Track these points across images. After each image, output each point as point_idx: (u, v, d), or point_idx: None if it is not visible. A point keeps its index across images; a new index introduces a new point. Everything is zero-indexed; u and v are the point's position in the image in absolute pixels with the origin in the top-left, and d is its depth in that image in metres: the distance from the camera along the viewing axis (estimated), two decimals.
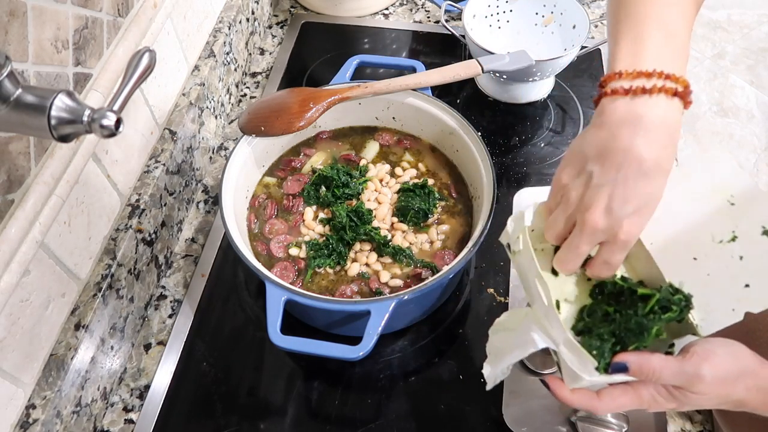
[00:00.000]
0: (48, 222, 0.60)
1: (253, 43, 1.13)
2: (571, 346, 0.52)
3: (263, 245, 0.81)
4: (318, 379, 0.76)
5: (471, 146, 0.82)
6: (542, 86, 1.05)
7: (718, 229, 0.56)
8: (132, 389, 0.76)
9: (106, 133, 0.46)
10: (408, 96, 0.87)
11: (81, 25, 0.64)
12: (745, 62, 2.52)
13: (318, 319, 0.78)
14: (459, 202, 0.85)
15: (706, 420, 0.73)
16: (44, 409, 0.62)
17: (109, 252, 0.73)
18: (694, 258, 0.56)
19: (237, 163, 0.81)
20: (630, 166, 0.49)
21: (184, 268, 0.87)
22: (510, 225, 0.59)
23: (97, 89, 0.66)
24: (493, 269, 0.85)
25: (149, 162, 0.82)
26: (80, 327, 0.68)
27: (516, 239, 0.57)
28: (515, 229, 0.58)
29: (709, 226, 0.56)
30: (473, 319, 0.81)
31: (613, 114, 0.50)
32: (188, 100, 0.89)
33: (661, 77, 0.49)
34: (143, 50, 0.52)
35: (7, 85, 0.44)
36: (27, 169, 0.58)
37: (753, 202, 0.55)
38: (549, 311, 0.53)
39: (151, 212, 0.79)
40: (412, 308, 0.78)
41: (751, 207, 0.55)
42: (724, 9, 2.71)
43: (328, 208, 0.84)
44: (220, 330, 0.81)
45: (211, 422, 0.73)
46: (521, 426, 0.71)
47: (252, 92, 1.10)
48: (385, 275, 0.78)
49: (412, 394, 0.75)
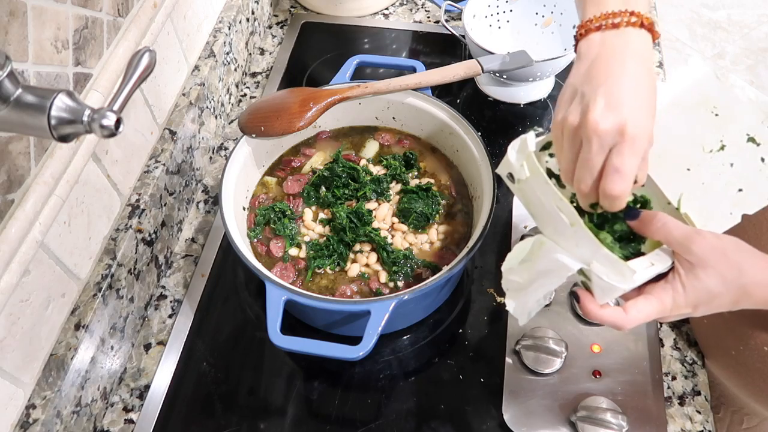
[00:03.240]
0: (48, 222, 0.60)
1: (253, 43, 1.13)
2: (606, 259, 0.52)
3: (263, 245, 0.81)
4: (318, 379, 0.76)
5: (471, 146, 0.82)
6: (542, 86, 1.05)
7: (707, 140, 0.59)
8: (132, 389, 0.76)
9: (106, 133, 0.46)
10: (408, 96, 0.87)
11: (81, 25, 0.64)
12: (745, 62, 2.52)
13: (318, 319, 0.78)
14: (459, 202, 0.85)
15: (706, 420, 0.73)
16: (44, 409, 0.62)
17: (109, 252, 0.73)
18: (687, 169, 0.59)
19: (237, 163, 0.81)
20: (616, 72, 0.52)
21: (184, 268, 0.87)
22: (511, 153, 0.57)
23: (97, 89, 0.66)
24: (493, 269, 0.85)
25: (149, 162, 0.82)
26: (80, 327, 0.68)
27: (520, 167, 0.56)
28: (518, 156, 0.57)
29: (698, 137, 0.59)
30: (473, 319, 0.81)
31: (590, 49, 0.55)
32: (188, 100, 0.89)
33: (626, 14, 0.54)
34: (143, 50, 0.52)
35: (7, 85, 0.44)
36: (27, 169, 0.58)
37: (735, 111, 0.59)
38: (577, 230, 0.52)
39: (151, 212, 0.79)
40: (412, 308, 0.78)
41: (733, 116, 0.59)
42: (724, 9, 2.71)
43: (328, 209, 0.84)
44: (220, 330, 0.81)
45: (211, 422, 0.73)
46: (521, 426, 0.71)
47: (252, 92, 1.10)
48: (384, 275, 0.78)
49: (412, 394, 0.75)
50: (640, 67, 0.53)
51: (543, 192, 0.55)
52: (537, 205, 0.56)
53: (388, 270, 0.78)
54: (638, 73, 0.52)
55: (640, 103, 0.51)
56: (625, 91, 0.51)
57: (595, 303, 0.56)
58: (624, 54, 0.53)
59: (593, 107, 0.51)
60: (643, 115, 0.51)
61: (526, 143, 0.56)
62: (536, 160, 0.55)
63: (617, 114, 0.50)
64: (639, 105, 0.51)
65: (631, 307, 0.54)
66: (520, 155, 0.56)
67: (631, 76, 0.52)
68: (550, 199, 0.54)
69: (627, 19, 0.54)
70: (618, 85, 0.51)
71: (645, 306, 0.54)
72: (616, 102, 0.51)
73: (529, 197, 0.58)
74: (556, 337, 0.75)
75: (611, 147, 0.51)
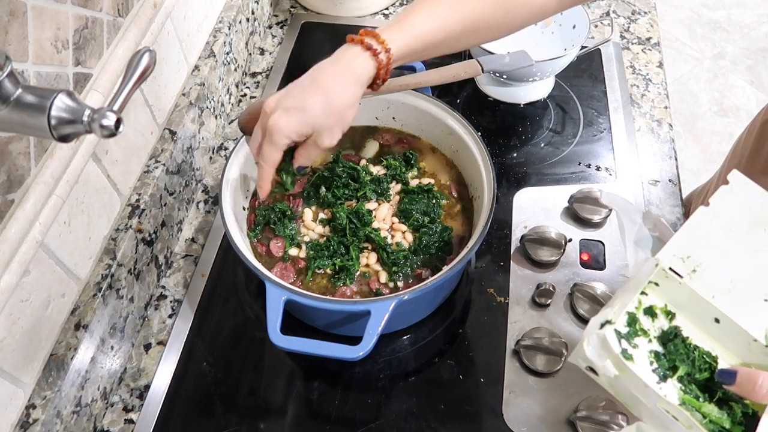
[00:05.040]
0: (48, 222, 0.60)
1: (253, 43, 1.13)
2: None
3: (263, 245, 0.81)
4: (318, 379, 0.76)
5: (471, 146, 0.82)
6: (542, 86, 1.05)
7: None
8: (132, 389, 0.76)
9: (106, 133, 0.46)
10: (408, 96, 0.87)
11: (81, 25, 0.64)
12: (745, 62, 2.52)
13: (318, 319, 0.78)
14: (459, 202, 0.85)
15: None
16: (44, 409, 0.62)
17: (109, 252, 0.73)
18: (764, 300, 0.54)
19: (237, 163, 0.81)
20: (304, 80, 0.66)
21: (184, 268, 0.87)
22: (589, 350, 0.54)
23: (97, 89, 0.66)
24: (493, 269, 0.85)
25: (149, 162, 0.82)
26: (80, 327, 0.68)
27: (604, 365, 0.53)
28: (600, 354, 0.54)
29: (763, 261, 0.54)
30: (473, 319, 0.81)
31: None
32: (188, 100, 0.89)
33: (370, 35, 0.64)
34: (143, 50, 0.52)
35: (7, 85, 0.44)
36: (27, 169, 0.58)
37: None
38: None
39: (151, 212, 0.79)
40: (412, 308, 0.78)
41: None
42: (724, 9, 2.71)
43: (328, 209, 0.84)
44: (220, 330, 0.81)
45: (211, 422, 0.73)
46: (521, 426, 0.71)
47: (252, 92, 1.10)
48: (384, 275, 0.78)
49: (412, 394, 0.75)
50: (326, 78, 0.64)
51: (642, 393, 0.52)
52: (629, 396, 0.54)
53: (388, 270, 0.78)
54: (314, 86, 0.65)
55: (294, 109, 0.64)
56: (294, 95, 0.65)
57: None
58: (330, 68, 0.65)
59: (273, 96, 0.66)
60: (288, 117, 0.64)
61: (608, 342, 0.53)
62: (623, 358, 0.52)
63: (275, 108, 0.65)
64: (292, 109, 0.64)
65: None
66: (602, 353, 0.53)
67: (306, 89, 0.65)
68: (653, 400, 0.51)
69: (362, 39, 0.64)
70: (294, 88, 0.65)
71: None
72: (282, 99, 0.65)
73: (618, 389, 0.55)
74: (556, 337, 0.75)
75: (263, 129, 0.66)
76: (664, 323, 0.59)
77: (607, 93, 1.06)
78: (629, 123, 1.02)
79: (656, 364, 0.56)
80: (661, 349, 0.57)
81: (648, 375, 0.55)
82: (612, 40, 1.13)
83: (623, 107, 1.04)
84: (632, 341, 0.57)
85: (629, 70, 1.10)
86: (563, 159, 0.98)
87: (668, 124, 1.03)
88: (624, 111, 1.04)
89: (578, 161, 0.98)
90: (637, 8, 1.21)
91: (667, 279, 0.58)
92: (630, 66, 1.11)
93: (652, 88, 1.07)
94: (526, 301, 0.81)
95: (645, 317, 0.59)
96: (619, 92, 1.06)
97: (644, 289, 0.59)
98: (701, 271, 0.56)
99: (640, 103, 1.05)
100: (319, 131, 0.66)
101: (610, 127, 1.01)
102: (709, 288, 0.55)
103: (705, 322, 0.57)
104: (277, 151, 0.66)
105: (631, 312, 0.58)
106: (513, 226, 0.89)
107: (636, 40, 1.15)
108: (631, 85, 1.08)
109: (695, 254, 0.57)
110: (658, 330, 0.58)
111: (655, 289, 0.59)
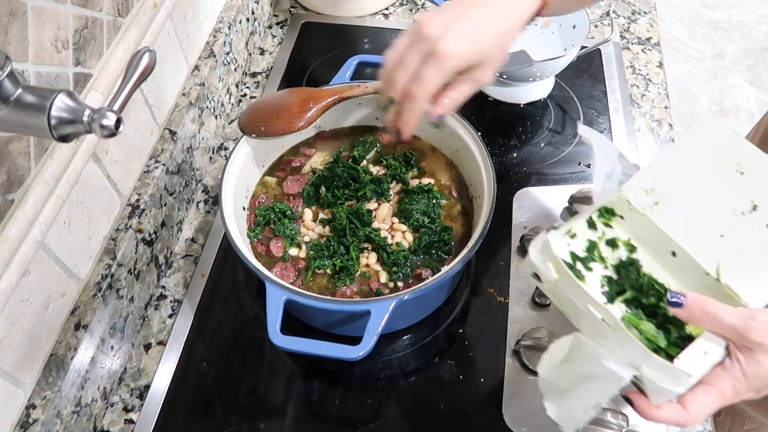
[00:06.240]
0: (48, 222, 0.60)
1: (253, 43, 1.13)
2: (658, 365, 0.49)
3: (263, 245, 0.81)
4: (318, 379, 0.76)
5: (471, 146, 0.82)
6: (542, 86, 1.05)
7: (737, 201, 0.54)
8: (132, 389, 0.76)
9: (106, 133, 0.46)
10: None
11: (81, 25, 0.64)
12: (745, 62, 2.52)
13: (318, 319, 0.78)
14: (459, 202, 0.85)
15: (706, 422, 0.73)
16: (44, 409, 0.62)
17: (109, 252, 0.73)
18: (721, 235, 0.55)
19: (237, 163, 0.81)
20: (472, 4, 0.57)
21: (184, 268, 0.87)
22: (534, 255, 0.55)
23: (97, 89, 0.66)
24: (493, 269, 0.85)
25: (149, 162, 0.82)
26: (80, 327, 0.68)
27: (546, 269, 0.54)
28: (542, 258, 0.55)
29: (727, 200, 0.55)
30: (473, 319, 0.81)
31: None
32: (188, 100, 0.89)
33: None
34: (143, 50, 0.52)
35: (7, 85, 0.44)
36: (27, 169, 0.58)
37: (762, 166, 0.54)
38: (621, 336, 0.50)
39: (151, 212, 0.79)
40: (412, 308, 0.78)
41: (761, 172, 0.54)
42: (724, 9, 2.71)
43: (328, 209, 0.84)
44: (220, 330, 0.81)
45: (211, 422, 0.73)
46: (521, 426, 0.71)
47: (252, 92, 1.10)
48: (384, 275, 0.78)
49: (412, 394, 0.75)
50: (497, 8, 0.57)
51: (576, 295, 0.53)
52: (569, 304, 0.54)
53: (388, 270, 0.78)
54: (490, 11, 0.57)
55: (468, 30, 0.56)
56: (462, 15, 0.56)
57: (650, 405, 0.52)
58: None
59: (432, 13, 0.57)
60: (461, 41, 0.56)
61: (549, 245, 0.54)
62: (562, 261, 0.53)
63: (444, 28, 0.56)
64: (465, 31, 0.56)
65: (690, 402, 0.51)
66: (544, 256, 0.54)
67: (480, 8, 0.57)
68: (585, 301, 0.52)
69: None
70: (466, 8, 0.57)
71: (705, 399, 0.51)
72: (448, 19, 0.56)
73: (559, 297, 0.56)
74: (556, 337, 0.75)
75: (426, 54, 0.56)
76: (623, 254, 0.60)
77: (607, 93, 1.06)
78: (629, 123, 1.02)
79: (607, 287, 0.58)
80: (615, 276, 0.59)
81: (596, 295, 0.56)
82: (612, 40, 1.13)
83: (623, 107, 1.04)
84: (588, 264, 0.59)
85: (629, 70, 1.10)
86: (563, 159, 0.98)
87: (668, 124, 1.03)
88: (624, 111, 1.04)
89: (578, 161, 0.98)
90: (637, 8, 1.21)
91: (631, 211, 0.60)
92: (630, 66, 1.11)
93: (652, 88, 1.07)
94: (526, 301, 0.81)
95: (606, 247, 0.61)
96: (619, 92, 1.06)
97: (610, 221, 0.61)
98: (663, 204, 0.56)
99: (640, 103, 1.05)
100: (483, 63, 0.59)
101: (610, 127, 1.02)
102: (669, 221, 0.56)
103: (663, 255, 0.58)
104: (442, 77, 0.58)
105: (593, 240, 0.60)
106: (513, 226, 0.89)
107: (636, 40, 1.15)
108: (631, 85, 1.08)
109: (660, 188, 0.58)
110: (616, 259, 0.60)
111: (621, 223, 0.61)
